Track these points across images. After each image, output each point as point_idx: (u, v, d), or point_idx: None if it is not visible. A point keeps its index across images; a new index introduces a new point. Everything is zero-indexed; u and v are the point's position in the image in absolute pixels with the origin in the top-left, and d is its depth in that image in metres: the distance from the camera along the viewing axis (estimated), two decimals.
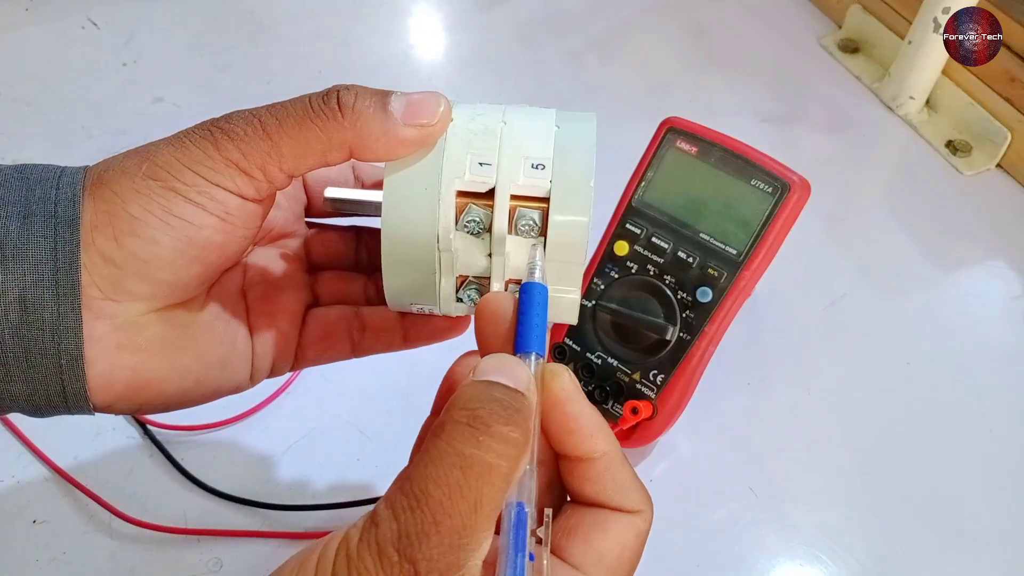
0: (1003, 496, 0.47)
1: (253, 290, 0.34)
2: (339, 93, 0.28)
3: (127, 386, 0.29)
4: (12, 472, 0.48)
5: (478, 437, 0.23)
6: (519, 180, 0.29)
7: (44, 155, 0.64)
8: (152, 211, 0.27)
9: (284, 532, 0.45)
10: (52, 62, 0.71)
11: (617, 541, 0.26)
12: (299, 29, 0.74)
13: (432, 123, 0.28)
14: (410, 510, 0.22)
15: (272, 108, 0.28)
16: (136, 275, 0.28)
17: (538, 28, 0.74)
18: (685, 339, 0.44)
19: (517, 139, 0.29)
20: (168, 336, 0.30)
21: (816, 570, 0.44)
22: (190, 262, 0.29)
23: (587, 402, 0.26)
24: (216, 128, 0.28)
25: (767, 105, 0.67)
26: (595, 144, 0.30)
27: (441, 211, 0.29)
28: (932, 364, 0.52)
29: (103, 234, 0.27)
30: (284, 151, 0.28)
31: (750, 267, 0.43)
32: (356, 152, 0.28)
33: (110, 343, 0.28)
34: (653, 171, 0.46)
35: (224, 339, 0.32)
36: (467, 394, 0.24)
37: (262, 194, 0.29)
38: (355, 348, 0.35)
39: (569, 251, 0.29)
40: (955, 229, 0.60)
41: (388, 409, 0.50)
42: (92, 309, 0.27)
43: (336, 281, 0.36)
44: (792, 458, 0.48)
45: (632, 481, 0.27)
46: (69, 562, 0.44)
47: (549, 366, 0.26)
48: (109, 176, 0.28)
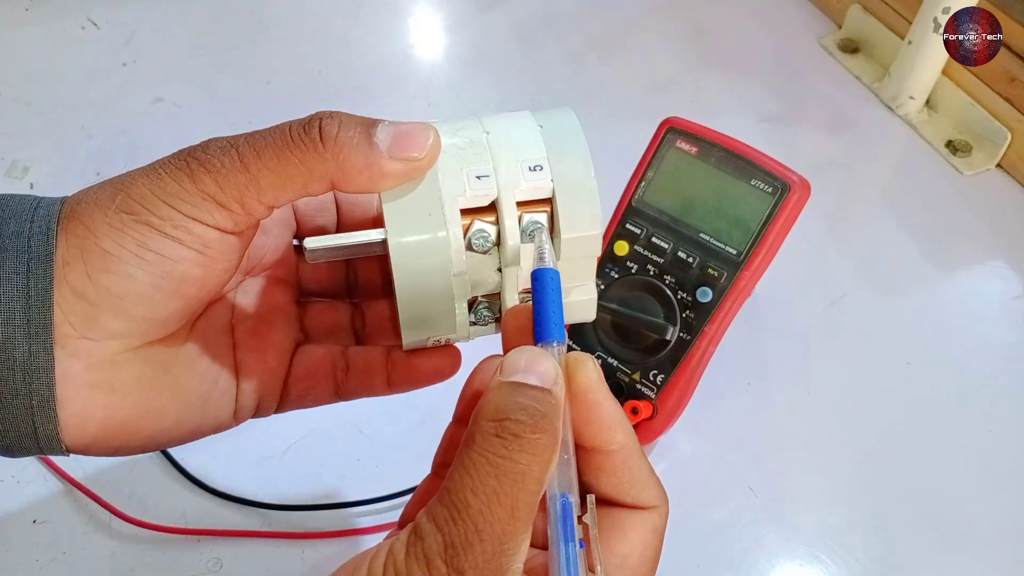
0: (1003, 496, 0.47)
1: (242, 325, 0.33)
2: (321, 122, 0.27)
3: (101, 426, 0.28)
4: (12, 472, 0.48)
5: (508, 446, 0.23)
6: (521, 185, 0.28)
7: (44, 155, 0.64)
8: (126, 246, 0.26)
9: (284, 532, 0.45)
10: (52, 62, 0.71)
11: (638, 541, 0.26)
12: (299, 29, 0.74)
13: (420, 157, 0.27)
14: (452, 521, 0.22)
15: (250, 137, 0.27)
16: (111, 311, 0.27)
17: (538, 28, 0.74)
18: (685, 339, 0.44)
19: (506, 146, 0.29)
20: (145, 375, 0.29)
21: (816, 570, 0.44)
22: (167, 297, 0.28)
23: (609, 393, 0.26)
24: (192, 159, 0.27)
25: (767, 105, 0.67)
26: (583, 134, 0.29)
27: (451, 233, 0.28)
28: (932, 364, 0.52)
29: (75, 270, 0.26)
30: (263, 183, 0.27)
31: (750, 267, 0.43)
32: (338, 184, 0.27)
33: (83, 382, 0.27)
34: (653, 171, 0.46)
35: (206, 377, 0.31)
36: (494, 403, 0.24)
37: (241, 227, 0.28)
38: (339, 390, 0.33)
39: (584, 246, 0.29)
40: (955, 229, 0.60)
41: (388, 409, 0.50)
42: (66, 348, 0.27)
43: (325, 313, 0.35)
44: (792, 458, 0.48)
45: (649, 476, 0.27)
46: (69, 562, 0.44)
47: (573, 355, 0.26)
48: (81, 209, 0.27)
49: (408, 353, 0.32)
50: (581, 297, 0.31)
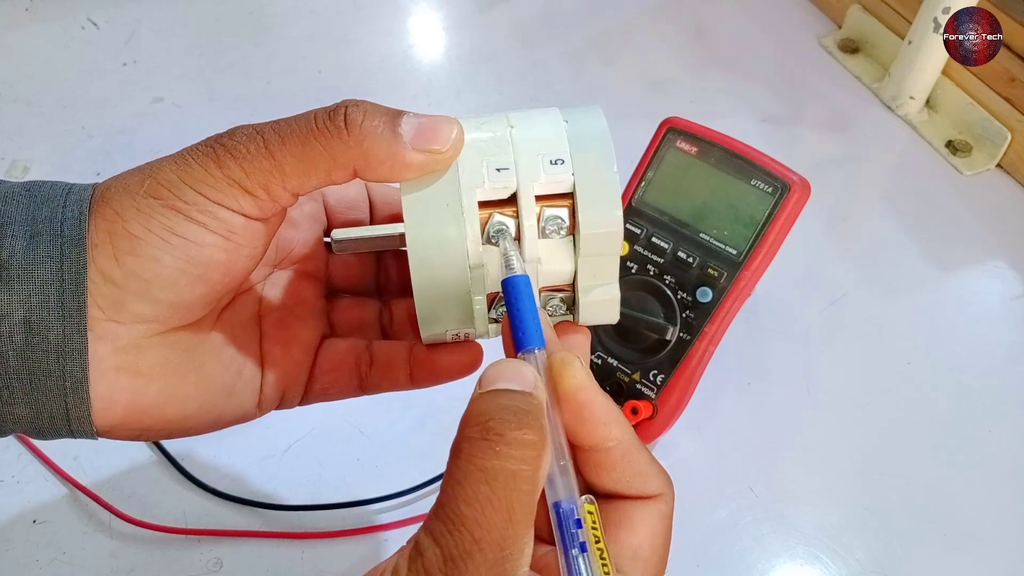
0: (1003, 496, 0.47)
1: (269, 316, 0.33)
2: (347, 110, 0.27)
3: (126, 410, 0.28)
4: (12, 472, 0.48)
5: (495, 448, 0.22)
6: (540, 179, 0.28)
7: (44, 155, 0.64)
8: (152, 230, 0.27)
9: (284, 532, 0.45)
10: (52, 62, 0.71)
11: (647, 532, 0.26)
12: (299, 29, 0.74)
13: (443, 150, 0.27)
14: (448, 533, 0.22)
15: (276, 124, 0.28)
16: (137, 295, 0.27)
17: (538, 28, 0.74)
18: (685, 339, 0.44)
19: (529, 140, 0.29)
20: (170, 360, 0.29)
21: (816, 570, 0.44)
22: (193, 282, 0.28)
23: (599, 390, 0.26)
24: (219, 145, 0.27)
25: (767, 105, 0.67)
26: (608, 131, 0.29)
27: (468, 225, 0.28)
28: (932, 364, 0.52)
29: (103, 253, 0.27)
30: (287, 169, 0.27)
31: (750, 267, 0.43)
32: (360, 172, 0.28)
33: (110, 365, 0.28)
34: (653, 171, 0.46)
35: (231, 366, 0.31)
36: (475, 409, 0.24)
37: (266, 213, 0.28)
38: (362, 384, 0.34)
39: (605, 243, 0.29)
40: (955, 229, 0.60)
41: (388, 409, 0.50)
42: (94, 330, 0.27)
43: (353, 308, 0.35)
44: (792, 458, 0.48)
45: (650, 465, 0.27)
46: (69, 562, 0.44)
47: (558, 356, 0.26)
48: (111, 194, 0.28)
49: (430, 348, 0.32)
50: (603, 297, 0.30)
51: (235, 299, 0.32)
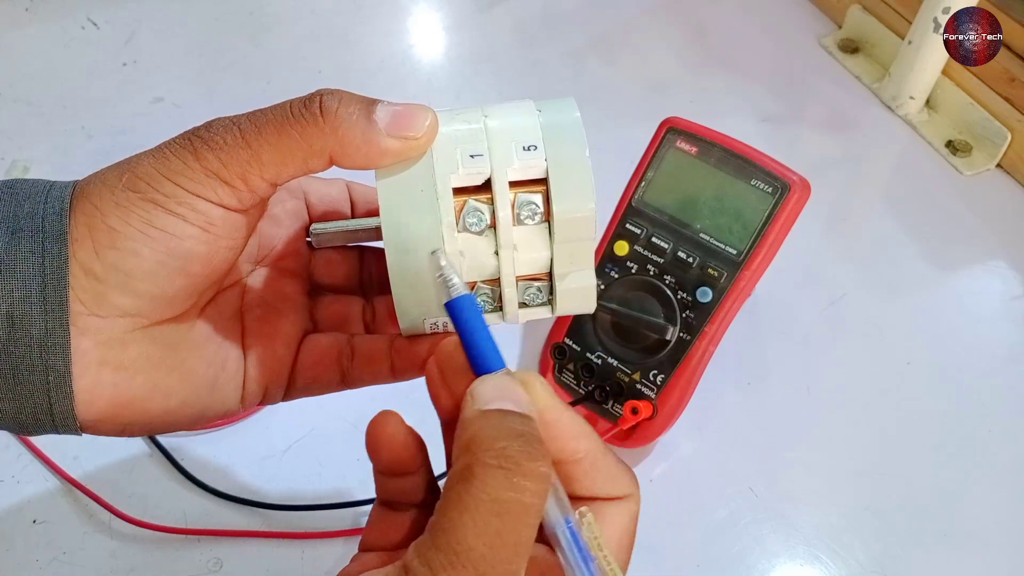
0: (1003, 496, 0.47)
1: (251, 312, 0.33)
2: (322, 97, 0.28)
3: (109, 404, 0.28)
4: (12, 472, 0.48)
5: (512, 479, 0.22)
6: (514, 164, 0.28)
7: (44, 155, 0.64)
8: (131, 223, 0.27)
9: (284, 532, 0.45)
10: (52, 62, 0.71)
11: (615, 530, 0.27)
12: (299, 29, 0.74)
13: (416, 136, 0.28)
14: (451, 566, 0.21)
15: (252, 115, 0.28)
16: (118, 288, 0.27)
17: (538, 28, 0.74)
18: (685, 339, 0.44)
19: (503, 129, 0.29)
20: (153, 355, 0.29)
21: (816, 570, 0.44)
22: (173, 274, 0.28)
23: (564, 406, 0.26)
24: (196, 137, 0.28)
25: (767, 105, 0.67)
26: (580, 118, 0.29)
27: (442, 210, 0.28)
28: (932, 364, 0.52)
29: (83, 247, 0.27)
30: (264, 158, 0.27)
31: (750, 267, 0.43)
32: (336, 159, 0.28)
33: (92, 359, 0.28)
34: (653, 171, 0.46)
35: (214, 361, 0.31)
36: (486, 431, 0.23)
37: (245, 204, 0.28)
38: (345, 378, 0.34)
39: (578, 227, 0.29)
40: (955, 229, 0.60)
41: (388, 408, 0.50)
42: (77, 325, 0.27)
43: (335, 305, 0.35)
44: (792, 458, 0.48)
45: (618, 467, 0.27)
46: (69, 562, 0.44)
47: (519, 376, 0.26)
48: (90, 189, 0.28)
49: (410, 340, 0.32)
50: (580, 283, 0.30)
51: (217, 295, 0.32)
